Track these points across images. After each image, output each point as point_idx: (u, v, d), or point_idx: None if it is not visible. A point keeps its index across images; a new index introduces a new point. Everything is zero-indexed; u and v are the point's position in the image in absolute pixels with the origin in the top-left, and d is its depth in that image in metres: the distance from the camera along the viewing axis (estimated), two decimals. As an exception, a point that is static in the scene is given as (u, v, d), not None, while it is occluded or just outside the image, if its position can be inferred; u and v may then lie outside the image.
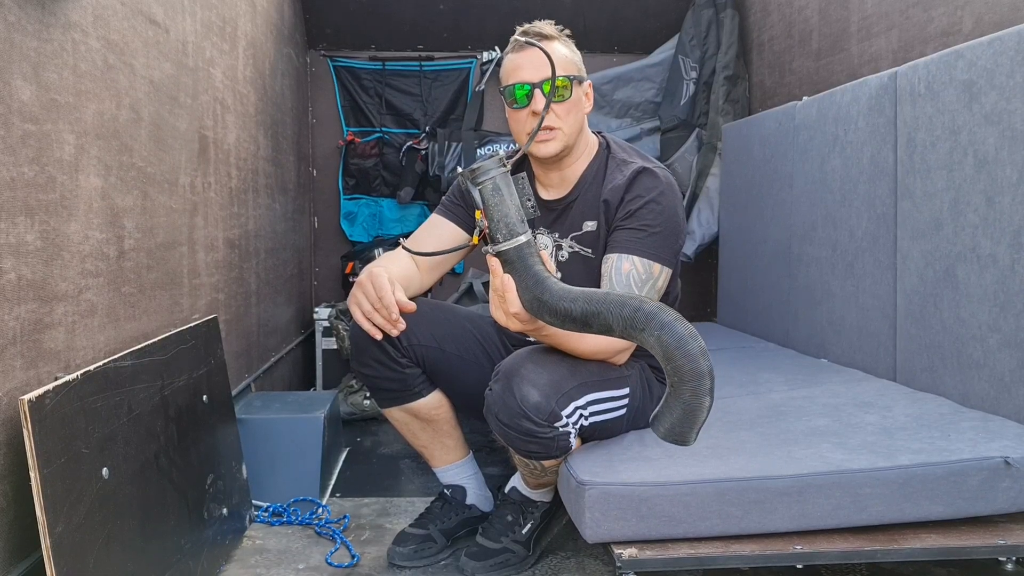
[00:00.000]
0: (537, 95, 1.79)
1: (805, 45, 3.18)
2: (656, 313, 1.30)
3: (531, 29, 1.84)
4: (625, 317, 1.31)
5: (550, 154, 1.83)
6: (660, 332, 1.29)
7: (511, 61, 1.84)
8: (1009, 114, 1.78)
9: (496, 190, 1.45)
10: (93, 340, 1.53)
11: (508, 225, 1.45)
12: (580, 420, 1.68)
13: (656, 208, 1.80)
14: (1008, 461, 1.54)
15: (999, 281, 1.81)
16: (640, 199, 1.81)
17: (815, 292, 2.65)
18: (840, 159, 2.49)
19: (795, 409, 1.98)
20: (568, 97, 1.81)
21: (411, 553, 1.97)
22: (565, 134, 1.82)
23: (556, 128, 1.81)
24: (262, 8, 2.96)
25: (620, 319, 1.32)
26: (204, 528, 1.83)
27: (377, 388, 1.95)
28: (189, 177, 2.10)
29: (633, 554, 1.51)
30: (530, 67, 1.80)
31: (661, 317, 1.29)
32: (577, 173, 1.91)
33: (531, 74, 1.80)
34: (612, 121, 3.93)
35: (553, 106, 1.79)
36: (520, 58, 1.82)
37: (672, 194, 1.84)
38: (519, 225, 1.45)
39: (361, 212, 4.11)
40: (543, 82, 1.78)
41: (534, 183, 1.96)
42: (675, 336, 1.28)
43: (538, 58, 1.78)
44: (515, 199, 1.46)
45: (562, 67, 1.80)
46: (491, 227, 1.46)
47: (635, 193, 1.81)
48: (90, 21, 1.52)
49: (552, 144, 1.82)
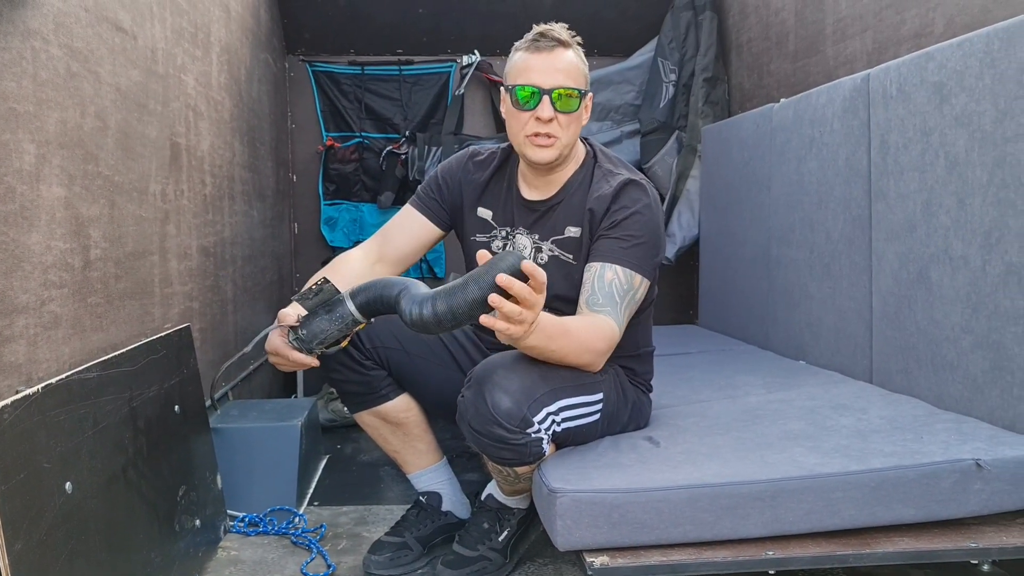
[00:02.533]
0: (545, 102, 1.77)
1: (782, 47, 3.19)
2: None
3: (550, 32, 1.81)
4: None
5: (546, 161, 1.82)
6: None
7: (524, 60, 1.81)
8: (979, 115, 1.78)
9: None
10: (57, 352, 1.51)
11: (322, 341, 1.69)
12: (553, 426, 1.67)
13: (641, 220, 1.80)
14: (979, 463, 1.54)
15: (971, 282, 1.82)
16: (626, 210, 1.80)
17: (793, 294, 2.65)
18: (816, 161, 2.49)
19: (771, 413, 1.97)
20: (575, 109, 1.80)
21: (387, 562, 1.96)
22: (563, 144, 1.82)
23: (556, 137, 1.80)
24: (237, 14, 2.94)
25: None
26: (176, 540, 1.81)
27: (345, 392, 1.97)
28: (160, 185, 2.08)
29: (605, 562, 1.50)
30: (543, 71, 1.78)
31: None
32: (564, 177, 1.90)
33: (543, 79, 1.77)
34: (592, 124, 3.92)
35: (559, 115, 1.78)
36: (535, 60, 1.79)
37: (656, 208, 1.85)
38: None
39: (342, 217, 4.09)
40: (553, 89, 1.77)
41: (516, 183, 1.95)
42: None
43: (552, 64, 1.78)
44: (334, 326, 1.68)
45: (573, 79, 1.79)
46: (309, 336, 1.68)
47: (621, 204, 1.81)
48: (51, 28, 1.50)
49: (549, 151, 1.81)
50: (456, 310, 1.46)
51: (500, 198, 1.96)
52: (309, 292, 1.64)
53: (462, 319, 1.48)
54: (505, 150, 1.99)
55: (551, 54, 1.78)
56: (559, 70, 1.77)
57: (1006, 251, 1.72)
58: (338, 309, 1.65)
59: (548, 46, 1.78)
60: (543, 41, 1.79)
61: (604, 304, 1.74)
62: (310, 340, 1.67)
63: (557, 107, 1.77)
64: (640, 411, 1.92)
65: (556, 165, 1.87)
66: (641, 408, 1.93)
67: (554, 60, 1.78)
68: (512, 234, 1.94)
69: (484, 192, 1.98)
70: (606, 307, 1.73)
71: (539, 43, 1.80)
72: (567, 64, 1.79)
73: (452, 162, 2.04)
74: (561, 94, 1.77)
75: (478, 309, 1.46)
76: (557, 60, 1.78)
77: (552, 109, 1.77)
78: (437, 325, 1.49)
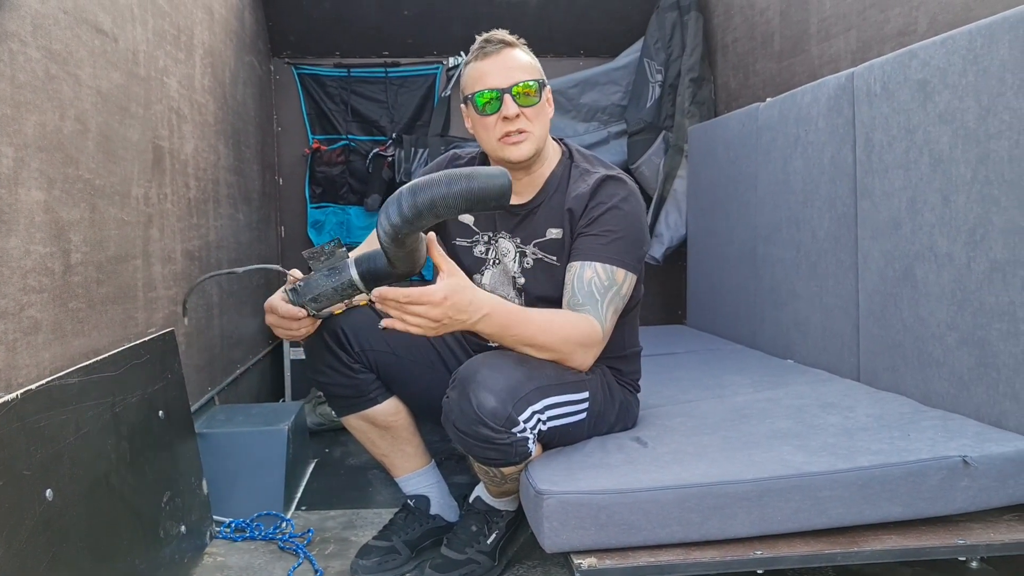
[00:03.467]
0: (507, 100, 1.78)
1: (767, 47, 3.19)
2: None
3: (493, 36, 1.84)
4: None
5: (523, 156, 1.82)
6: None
7: (476, 69, 1.83)
8: (962, 113, 1.79)
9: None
10: (37, 358, 1.49)
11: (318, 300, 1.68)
12: (538, 425, 1.66)
13: (618, 214, 1.80)
14: (966, 460, 1.54)
15: (956, 280, 1.82)
16: (603, 205, 1.81)
17: (780, 293, 2.65)
18: (802, 160, 2.49)
19: (759, 412, 1.97)
20: (537, 102, 1.82)
21: (375, 566, 1.94)
22: (536, 136, 1.82)
23: (527, 131, 1.81)
24: (221, 16, 2.92)
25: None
26: (160, 547, 1.79)
27: (333, 395, 1.95)
28: (143, 188, 2.06)
29: (593, 563, 1.49)
30: (497, 73, 1.80)
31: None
32: (543, 178, 1.90)
33: (499, 80, 1.79)
34: (579, 125, 3.92)
35: (524, 110, 1.80)
36: (486, 65, 1.82)
37: (635, 200, 1.84)
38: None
39: (328, 220, 4.07)
40: (512, 87, 1.78)
41: None
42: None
43: (504, 64, 1.80)
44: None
45: (528, 72, 1.82)
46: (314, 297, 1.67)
47: (598, 200, 1.82)
48: (29, 31, 1.48)
49: (525, 146, 1.81)
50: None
51: None
52: (321, 252, 1.65)
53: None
54: (482, 155, 1.99)
55: (499, 56, 1.81)
56: (512, 68, 1.80)
57: (990, 248, 1.72)
58: (341, 271, 1.64)
59: (495, 49, 1.82)
60: (489, 46, 1.82)
61: (584, 303, 1.74)
62: (304, 294, 1.67)
63: (519, 103, 1.79)
64: (627, 411, 1.92)
65: (533, 163, 1.86)
66: (628, 408, 1.93)
67: (505, 60, 1.81)
68: (495, 238, 1.94)
69: None
70: (586, 306, 1.73)
71: (486, 48, 1.83)
72: (518, 61, 1.82)
73: (433, 167, 2.05)
74: (520, 90, 1.79)
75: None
76: (507, 60, 1.81)
77: (515, 105, 1.79)
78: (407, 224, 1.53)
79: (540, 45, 1.92)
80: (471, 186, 1.50)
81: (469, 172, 1.52)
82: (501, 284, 1.94)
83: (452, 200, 1.50)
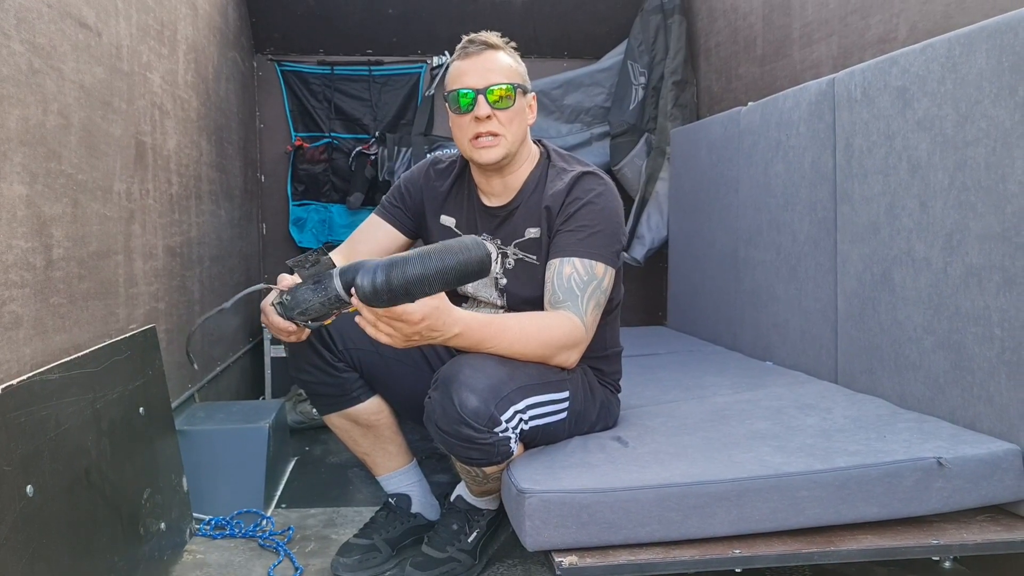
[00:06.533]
0: (481, 101, 1.80)
1: (750, 51, 3.22)
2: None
3: (477, 38, 1.86)
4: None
5: (492, 160, 1.83)
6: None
7: (456, 68, 1.86)
8: (940, 120, 1.82)
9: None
10: (18, 353, 1.48)
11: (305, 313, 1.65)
12: (520, 424, 1.67)
13: (595, 208, 1.81)
14: (941, 462, 1.56)
15: (932, 284, 1.85)
16: (579, 201, 1.82)
17: (760, 296, 2.67)
18: (783, 164, 2.52)
19: (738, 412, 1.99)
20: (511, 105, 1.83)
21: (355, 564, 1.95)
22: (508, 141, 1.83)
23: (499, 135, 1.82)
24: (204, 12, 2.91)
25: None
26: (140, 544, 1.78)
27: (316, 394, 1.95)
28: (125, 184, 2.05)
29: (573, 562, 1.50)
30: (475, 73, 1.82)
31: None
32: (520, 180, 1.91)
33: (475, 80, 1.81)
34: (563, 126, 3.93)
35: (497, 113, 1.81)
36: (466, 64, 1.84)
37: (611, 195, 1.85)
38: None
39: (311, 218, 4.06)
40: (487, 88, 1.79)
41: (476, 191, 1.96)
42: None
43: (483, 65, 1.82)
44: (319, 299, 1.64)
45: (506, 75, 1.83)
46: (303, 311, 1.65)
47: (574, 196, 1.83)
48: (12, 24, 1.47)
49: (494, 151, 1.82)
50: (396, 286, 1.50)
51: (463, 206, 1.98)
52: (305, 260, 1.63)
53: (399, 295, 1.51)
54: (462, 159, 2.00)
55: (480, 57, 1.83)
56: (490, 70, 1.82)
57: (967, 253, 1.75)
58: (326, 284, 1.63)
59: (477, 50, 1.84)
60: (472, 46, 1.84)
61: (564, 300, 1.75)
62: (292, 308, 1.66)
63: (493, 105, 1.80)
64: (608, 411, 1.93)
65: (506, 166, 1.88)
66: (609, 408, 1.94)
67: (484, 62, 1.83)
68: None
69: (446, 200, 1.99)
70: (566, 302, 1.75)
71: (468, 49, 1.85)
72: (498, 64, 1.83)
73: (414, 171, 2.06)
74: (494, 92, 1.80)
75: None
76: (487, 61, 1.83)
77: (488, 107, 1.80)
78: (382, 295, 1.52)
79: (525, 46, 1.94)
80: (449, 270, 1.50)
81: (443, 262, 1.50)
82: (484, 286, 1.94)
83: (433, 288, 1.51)
